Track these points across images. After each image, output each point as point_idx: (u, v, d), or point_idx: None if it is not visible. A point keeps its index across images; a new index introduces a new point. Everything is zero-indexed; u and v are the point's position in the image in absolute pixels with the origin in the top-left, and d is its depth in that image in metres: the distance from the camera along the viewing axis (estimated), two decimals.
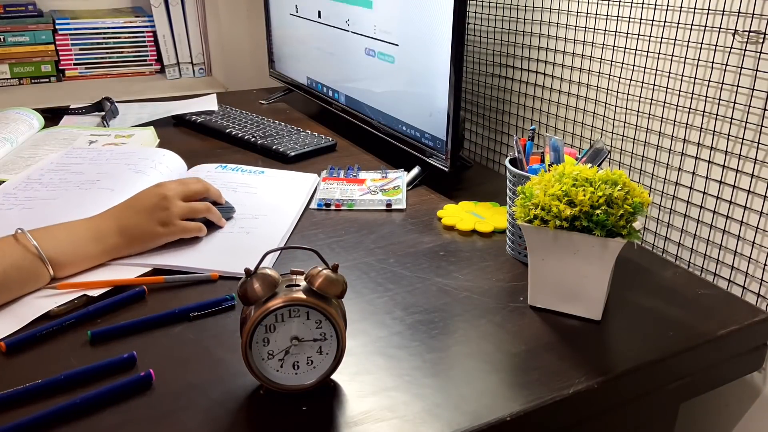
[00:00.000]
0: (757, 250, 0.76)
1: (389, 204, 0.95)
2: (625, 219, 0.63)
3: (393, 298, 0.71)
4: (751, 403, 0.78)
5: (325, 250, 0.82)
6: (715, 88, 0.77)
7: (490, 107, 1.18)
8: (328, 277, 0.54)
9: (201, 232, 0.81)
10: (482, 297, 0.72)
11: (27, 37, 1.65)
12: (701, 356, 0.66)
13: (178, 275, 0.74)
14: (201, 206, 0.81)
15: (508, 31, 1.09)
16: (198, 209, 0.80)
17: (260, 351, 0.54)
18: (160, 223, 0.77)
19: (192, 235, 0.80)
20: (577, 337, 0.65)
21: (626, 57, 0.88)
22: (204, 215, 0.81)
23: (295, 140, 1.18)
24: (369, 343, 0.64)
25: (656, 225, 0.88)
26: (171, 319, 0.66)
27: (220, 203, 0.85)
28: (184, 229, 0.79)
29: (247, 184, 0.98)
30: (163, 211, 0.77)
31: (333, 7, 1.20)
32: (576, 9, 0.94)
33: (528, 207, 0.66)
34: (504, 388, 0.58)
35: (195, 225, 0.80)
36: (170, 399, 0.56)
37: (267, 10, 1.51)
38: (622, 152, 0.92)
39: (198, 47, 1.78)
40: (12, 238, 0.69)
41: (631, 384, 0.62)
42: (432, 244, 0.84)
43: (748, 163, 0.75)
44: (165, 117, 1.32)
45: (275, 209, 0.90)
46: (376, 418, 0.54)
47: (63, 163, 1.02)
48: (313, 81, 1.35)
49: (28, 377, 0.57)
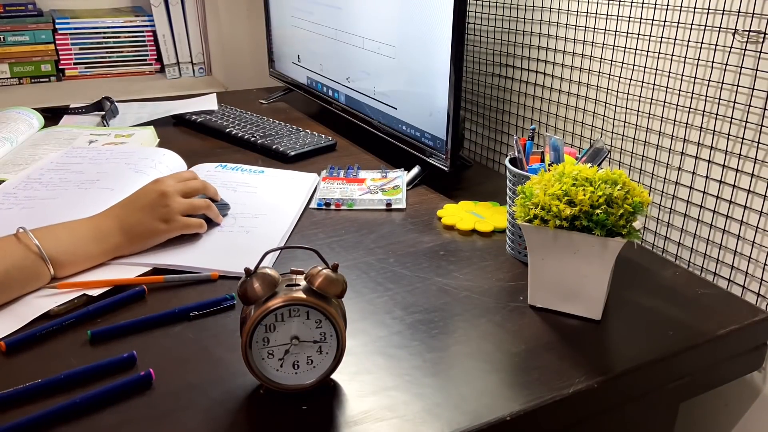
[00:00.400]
0: (757, 249, 0.76)
1: (389, 204, 0.95)
2: (625, 219, 0.63)
3: (393, 297, 0.71)
4: (751, 402, 0.78)
5: (325, 249, 0.82)
6: (715, 87, 0.77)
7: (490, 107, 1.18)
8: (328, 276, 0.54)
9: (202, 229, 0.81)
10: (482, 296, 0.72)
11: (27, 37, 1.65)
12: (701, 356, 0.66)
13: (178, 275, 0.74)
14: (201, 203, 0.81)
15: (508, 31, 1.09)
16: (198, 206, 0.81)
17: (260, 350, 0.54)
18: (161, 220, 0.77)
19: (193, 231, 0.80)
20: (577, 337, 0.65)
21: (626, 56, 0.88)
22: (203, 212, 0.81)
23: (295, 140, 1.18)
24: (369, 343, 0.64)
25: (656, 225, 0.88)
26: (171, 319, 0.66)
27: (216, 200, 0.85)
28: (186, 225, 0.79)
29: (247, 184, 0.98)
30: (164, 208, 0.77)
31: (333, 7, 1.20)
32: (576, 9, 0.94)
33: (528, 206, 0.66)
34: (504, 388, 0.58)
35: (196, 221, 0.80)
36: (170, 399, 0.56)
37: (267, 10, 1.51)
38: (622, 152, 0.92)
39: (198, 47, 1.78)
40: (14, 238, 0.69)
41: (631, 384, 0.62)
42: (432, 243, 0.84)
43: (748, 162, 0.75)
44: (165, 116, 1.32)
45: (275, 209, 0.90)
46: (376, 417, 0.54)
47: (63, 162, 1.02)
48: (313, 81, 1.35)
49: (28, 377, 0.57)
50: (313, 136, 1.21)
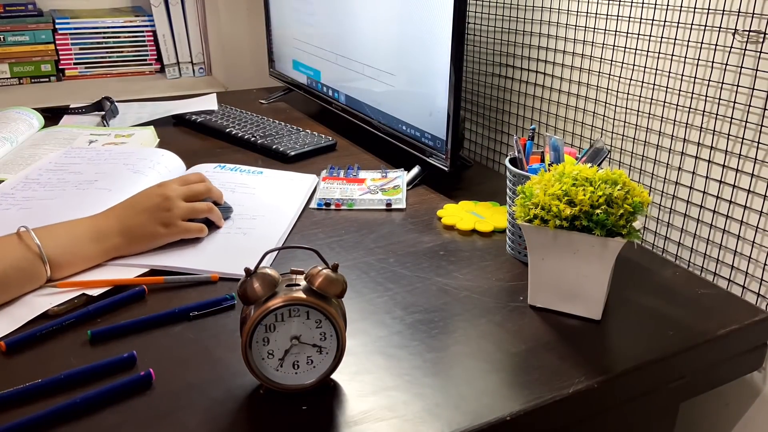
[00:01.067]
0: (757, 249, 0.76)
1: (389, 203, 0.95)
2: (625, 218, 0.63)
3: (393, 297, 0.71)
4: (751, 402, 0.78)
5: (325, 249, 0.82)
6: (715, 87, 0.77)
7: (490, 107, 1.18)
8: (328, 276, 0.54)
9: (202, 233, 0.81)
10: (482, 296, 0.72)
11: (27, 37, 1.65)
12: (701, 356, 0.66)
13: (178, 276, 0.74)
14: (203, 206, 0.81)
15: (508, 31, 1.09)
16: (200, 210, 0.80)
17: (260, 350, 0.54)
18: (161, 224, 0.77)
19: (193, 236, 0.80)
20: (577, 337, 0.65)
21: (626, 56, 0.88)
22: (205, 215, 0.81)
23: (295, 140, 1.18)
24: (369, 343, 0.64)
25: (656, 225, 0.88)
26: (171, 319, 0.66)
27: (219, 203, 0.85)
28: (186, 230, 0.79)
29: (246, 185, 0.98)
30: (165, 212, 0.77)
31: (333, 7, 1.20)
32: (576, 9, 0.94)
33: (528, 206, 0.66)
34: (504, 388, 0.57)
35: (196, 226, 0.80)
36: (170, 399, 0.56)
37: (267, 10, 1.51)
38: (622, 152, 0.92)
39: (198, 47, 1.78)
40: (14, 237, 0.69)
41: (631, 383, 0.62)
42: (432, 243, 0.84)
43: (748, 162, 0.75)
44: (165, 116, 1.32)
45: (273, 210, 0.90)
46: (376, 417, 0.54)
47: (61, 162, 1.02)
48: (313, 81, 1.35)
49: (28, 377, 0.57)
50: (313, 136, 1.21)
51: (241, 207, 0.90)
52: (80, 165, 1.01)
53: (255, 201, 0.93)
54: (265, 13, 1.51)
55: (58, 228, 0.73)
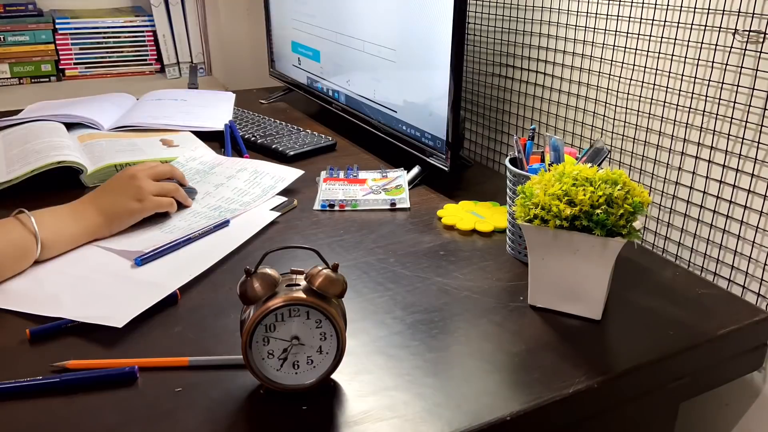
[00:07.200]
0: (757, 249, 0.76)
1: (393, 203, 0.95)
2: (625, 218, 0.63)
3: (393, 297, 0.71)
4: (751, 402, 0.78)
5: (326, 249, 0.82)
6: (715, 87, 0.77)
7: (490, 107, 1.18)
8: (329, 276, 0.54)
9: (172, 208, 0.87)
10: (482, 296, 0.72)
11: (27, 37, 1.65)
12: (701, 356, 0.66)
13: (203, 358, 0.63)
14: (170, 185, 0.87)
15: (508, 31, 1.09)
16: (168, 188, 0.87)
17: (260, 350, 0.54)
18: (135, 199, 0.82)
19: (164, 209, 0.86)
20: (577, 337, 0.65)
21: (626, 56, 0.88)
22: (173, 194, 0.87)
23: (294, 140, 1.18)
24: (369, 343, 0.64)
25: (656, 225, 0.88)
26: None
27: (184, 185, 0.91)
28: (158, 204, 0.84)
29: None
30: (136, 189, 0.83)
31: (333, 7, 1.20)
32: (576, 9, 0.94)
33: (528, 206, 0.66)
34: (504, 388, 0.57)
35: (167, 200, 0.86)
36: (170, 399, 0.56)
37: (267, 10, 1.51)
38: (622, 152, 0.92)
39: (198, 47, 1.78)
40: (13, 219, 0.73)
41: (631, 383, 0.62)
42: (432, 243, 0.84)
43: (748, 162, 0.75)
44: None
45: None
46: (376, 417, 0.54)
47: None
48: (313, 81, 1.35)
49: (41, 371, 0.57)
50: (313, 135, 1.21)
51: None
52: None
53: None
54: (265, 13, 1.51)
55: (44, 212, 0.77)
